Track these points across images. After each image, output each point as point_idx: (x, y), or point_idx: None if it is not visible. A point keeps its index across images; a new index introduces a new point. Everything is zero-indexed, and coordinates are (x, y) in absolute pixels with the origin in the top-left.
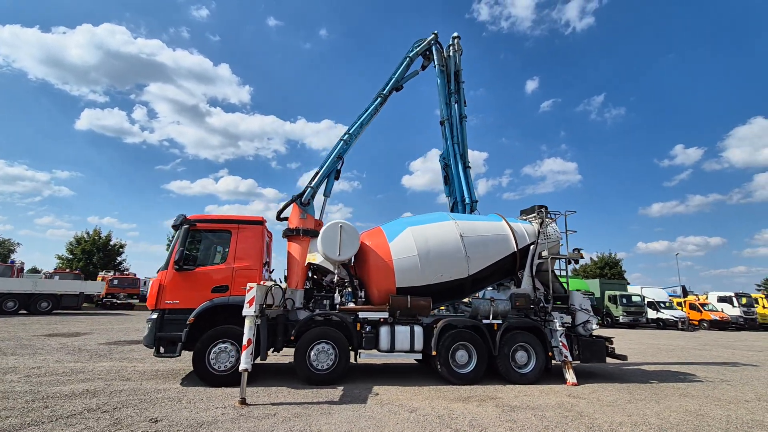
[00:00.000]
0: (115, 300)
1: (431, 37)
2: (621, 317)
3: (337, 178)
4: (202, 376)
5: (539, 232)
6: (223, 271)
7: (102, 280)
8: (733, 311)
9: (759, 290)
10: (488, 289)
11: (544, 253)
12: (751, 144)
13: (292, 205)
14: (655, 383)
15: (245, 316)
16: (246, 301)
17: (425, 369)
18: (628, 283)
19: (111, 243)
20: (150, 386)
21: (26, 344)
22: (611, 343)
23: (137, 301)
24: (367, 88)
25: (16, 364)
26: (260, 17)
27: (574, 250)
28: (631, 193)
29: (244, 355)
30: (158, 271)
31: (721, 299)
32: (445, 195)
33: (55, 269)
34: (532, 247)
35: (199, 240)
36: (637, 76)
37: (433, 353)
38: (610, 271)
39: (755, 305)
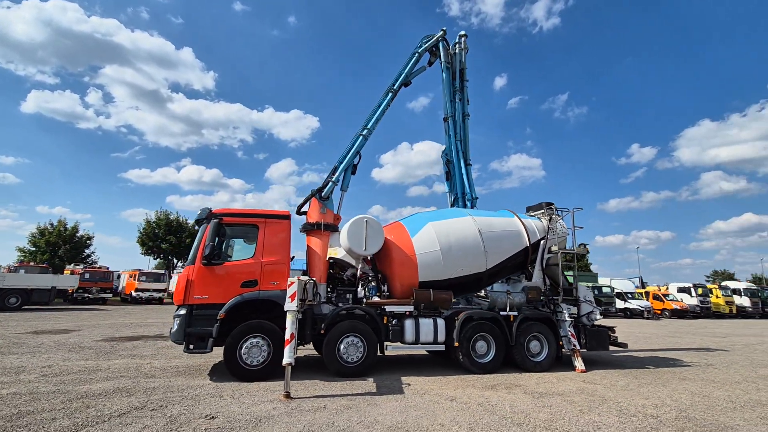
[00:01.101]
0: (87, 295)
1: (440, 34)
2: None
3: (353, 173)
4: (234, 371)
5: (548, 228)
6: (251, 265)
7: (72, 273)
8: (690, 301)
9: (708, 281)
10: (497, 282)
11: (554, 248)
12: (699, 144)
13: (311, 199)
14: (652, 368)
15: (287, 311)
16: (288, 296)
17: (437, 360)
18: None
19: (78, 235)
20: (180, 383)
21: (17, 342)
22: (613, 332)
23: (110, 295)
24: (338, 79)
25: (23, 364)
26: (226, 1)
27: (580, 245)
28: (590, 189)
29: (287, 349)
30: (184, 266)
31: (681, 290)
32: (447, 190)
33: (21, 262)
34: (542, 242)
35: (224, 234)
36: (598, 77)
37: (456, 344)
38: (578, 263)
39: (710, 295)
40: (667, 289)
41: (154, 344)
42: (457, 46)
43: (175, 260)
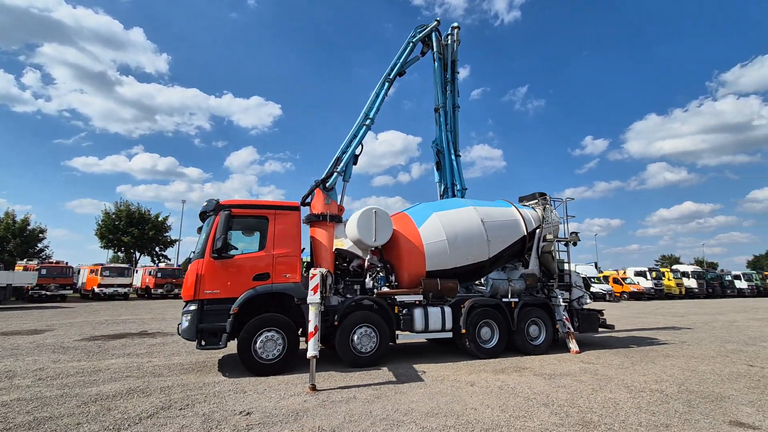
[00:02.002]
0: (44, 292)
1: (434, 24)
2: None
3: (355, 164)
4: (249, 365)
5: (543, 217)
6: (263, 258)
7: (25, 269)
8: (646, 284)
9: (657, 265)
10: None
11: (549, 236)
12: (646, 137)
13: (315, 190)
14: (635, 347)
15: (310, 303)
16: (310, 288)
17: (437, 347)
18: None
19: (29, 228)
20: (194, 380)
21: None
22: (602, 314)
23: (70, 292)
24: (301, 66)
25: (10, 368)
26: None
27: (572, 233)
28: (548, 179)
29: (311, 342)
30: (192, 260)
31: (638, 273)
32: (435, 180)
33: None
34: (537, 231)
35: (232, 226)
36: (555, 71)
37: (463, 331)
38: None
39: (663, 278)
40: (625, 273)
41: (143, 342)
42: (449, 37)
43: (137, 254)
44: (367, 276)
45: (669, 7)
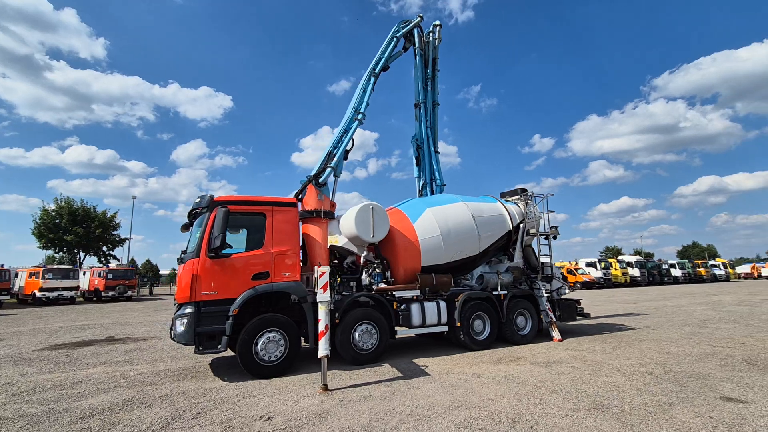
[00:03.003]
0: None
1: (417, 20)
2: None
3: (345, 159)
4: (250, 368)
5: (526, 212)
6: (261, 256)
7: None
8: (596, 273)
9: (601, 256)
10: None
11: (533, 231)
12: (587, 136)
13: (308, 186)
14: (608, 333)
15: (320, 302)
16: (320, 287)
17: (427, 341)
18: None
19: None
20: (193, 387)
21: None
22: (579, 304)
23: (8, 297)
24: (254, 57)
25: None
26: None
27: (552, 227)
28: (499, 175)
29: (323, 341)
30: (183, 261)
31: (588, 264)
32: (414, 175)
33: None
34: (521, 225)
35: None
36: (507, 71)
37: (458, 324)
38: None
39: (610, 268)
40: (577, 264)
41: (114, 348)
42: (431, 35)
43: (82, 254)
44: (363, 272)
45: (609, 14)
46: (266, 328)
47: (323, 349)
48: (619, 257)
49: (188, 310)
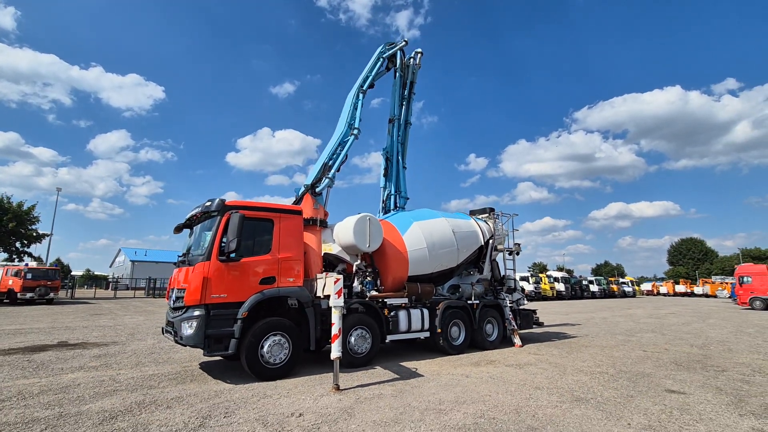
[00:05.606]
0: None
1: (402, 44)
2: None
3: (338, 170)
4: (256, 370)
5: (494, 229)
6: (269, 261)
7: None
8: (529, 287)
9: (530, 272)
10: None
11: (500, 247)
12: (517, 159)
13: (305, 195)
14: (558, 341)
15: (334, 307)
16: (334, 292)
17: (400, 347)
18: None
19: None
20: (200, 389)
21: None
22: (536, 313)
23: None
24: (191, 49)
25: None
26: None
27: (515, 244)
28: (437, 190)
29: (335, 344)
30: (185, 263)
31: (522, 278)
32: (380, 186)
33: None
34: (491, 241)
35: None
36: (448, 91)
37: (439, 330)
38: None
39: (540, 282)
40: None
41: (80, 354)
42: (412, 60)
43: None
44: (356, 280)
45: (540, 48)
46: (272, 331)
47: (336, 351)
48: (548, 273)
49: (197, 313)
